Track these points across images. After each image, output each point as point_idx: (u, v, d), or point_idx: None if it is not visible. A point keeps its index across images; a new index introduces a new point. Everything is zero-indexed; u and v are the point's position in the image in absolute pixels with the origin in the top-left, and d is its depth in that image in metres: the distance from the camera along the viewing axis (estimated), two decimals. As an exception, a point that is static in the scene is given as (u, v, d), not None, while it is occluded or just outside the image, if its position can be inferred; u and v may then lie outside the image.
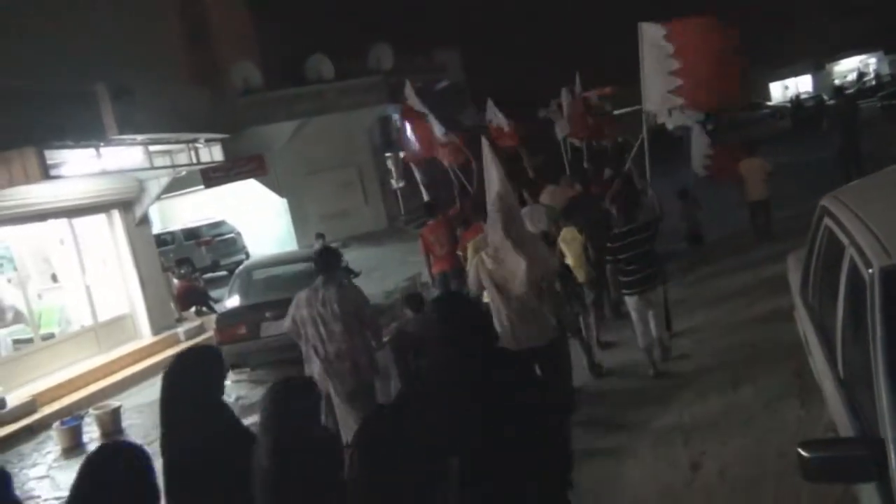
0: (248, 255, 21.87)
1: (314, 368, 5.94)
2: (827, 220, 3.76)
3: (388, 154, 27.00)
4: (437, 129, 12.27)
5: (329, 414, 5.85)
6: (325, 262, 6.14)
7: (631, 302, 7.02)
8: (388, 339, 6.60)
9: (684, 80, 7.65)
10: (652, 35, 7.79)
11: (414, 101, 12.67)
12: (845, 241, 3.22)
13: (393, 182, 27.29)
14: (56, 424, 9.13)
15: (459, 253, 9.61)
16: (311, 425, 3.26)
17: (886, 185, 3.85)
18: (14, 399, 10.23)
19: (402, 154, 12.67)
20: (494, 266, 5.43)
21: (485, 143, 6.20)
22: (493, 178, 5.66)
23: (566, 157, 14.52)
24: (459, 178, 12.90)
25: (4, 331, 11.99)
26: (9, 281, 12.62)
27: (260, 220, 24.46)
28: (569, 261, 7.77)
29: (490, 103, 13.30)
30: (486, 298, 5.82)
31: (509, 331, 5.32)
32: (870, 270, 2.76)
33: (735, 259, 10.84)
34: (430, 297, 8.24)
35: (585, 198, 9.64)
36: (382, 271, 16.94)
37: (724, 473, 4.75)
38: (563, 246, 7.88)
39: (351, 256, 17.18)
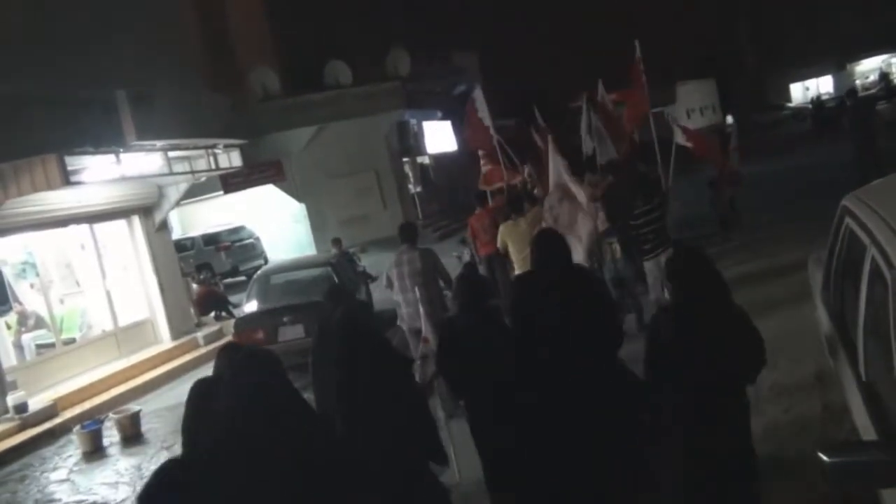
0: (266, 260, 21.96)
1: (402, 311, 7.76)
2: (848, 220, 3.69)
3: (405, 159, 27.04)
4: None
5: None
6: (407, 234, 7.80)
7: (648, 265, 8.50)
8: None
9: None
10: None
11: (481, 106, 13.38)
12: (867, 241, 3.16)
13: (411, 187, 27.32)
14: (76, 428, 9.21)
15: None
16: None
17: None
18: (36, 403, 10.33)
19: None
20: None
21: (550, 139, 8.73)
22: (559, 169, 8.57)
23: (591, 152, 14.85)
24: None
25: (28, 336, 12.12)
26: (32, 286, 12.78)
27: (279, 225, 24.56)
28: None
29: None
30: None
31: None
32: (892, 271, 2.70)
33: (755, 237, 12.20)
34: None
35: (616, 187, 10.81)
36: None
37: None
38: None
39: (369, 261, 17.21)
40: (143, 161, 12.63)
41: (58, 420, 10.12)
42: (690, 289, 3.62)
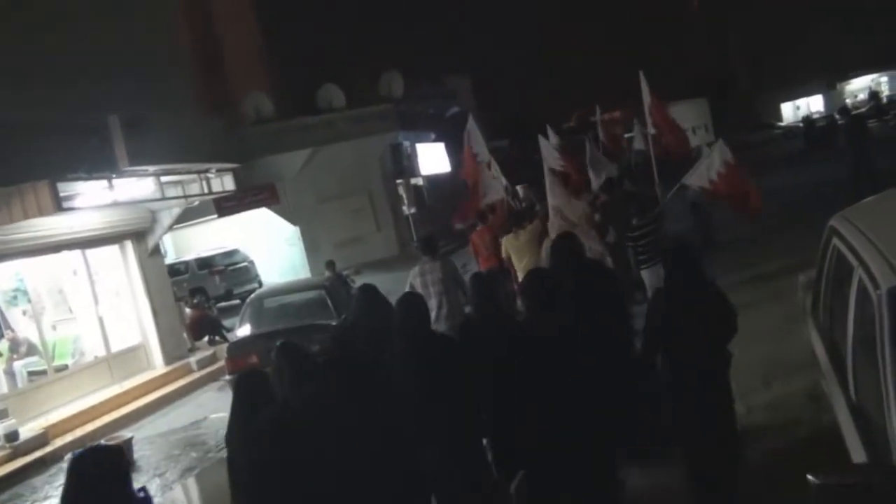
0: (260, 284, 21.88)
1: None
2: (835, 241, 3.71)
3: (399, 181, 27.10)
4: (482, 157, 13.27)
5: None
6: (427, 247, 8.53)
7: (644, 274, 9.09)
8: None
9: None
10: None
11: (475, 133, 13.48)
12: (854, 261, 3.17)
13: (404, 209, 27.36)
14: (68, 456, 9.10)
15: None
16: None
17: (895, 205, 3.81)
18: (27, 431, 10.24)
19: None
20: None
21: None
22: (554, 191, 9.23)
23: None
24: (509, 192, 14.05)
25: (19, 363, 12.02)
26: (24, 313, 12.70)
27: (272, 248, 24.54)
28: None
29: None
30: None
31: None
32: (878, 291, 2.70)
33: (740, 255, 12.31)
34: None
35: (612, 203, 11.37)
36: (394, 297, 16.86)
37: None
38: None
39: (363, 283, 17.17)
40: (136, 186, 12.64)
41: (49, 448, 10.03)
42: (678, 273, 4.38)
